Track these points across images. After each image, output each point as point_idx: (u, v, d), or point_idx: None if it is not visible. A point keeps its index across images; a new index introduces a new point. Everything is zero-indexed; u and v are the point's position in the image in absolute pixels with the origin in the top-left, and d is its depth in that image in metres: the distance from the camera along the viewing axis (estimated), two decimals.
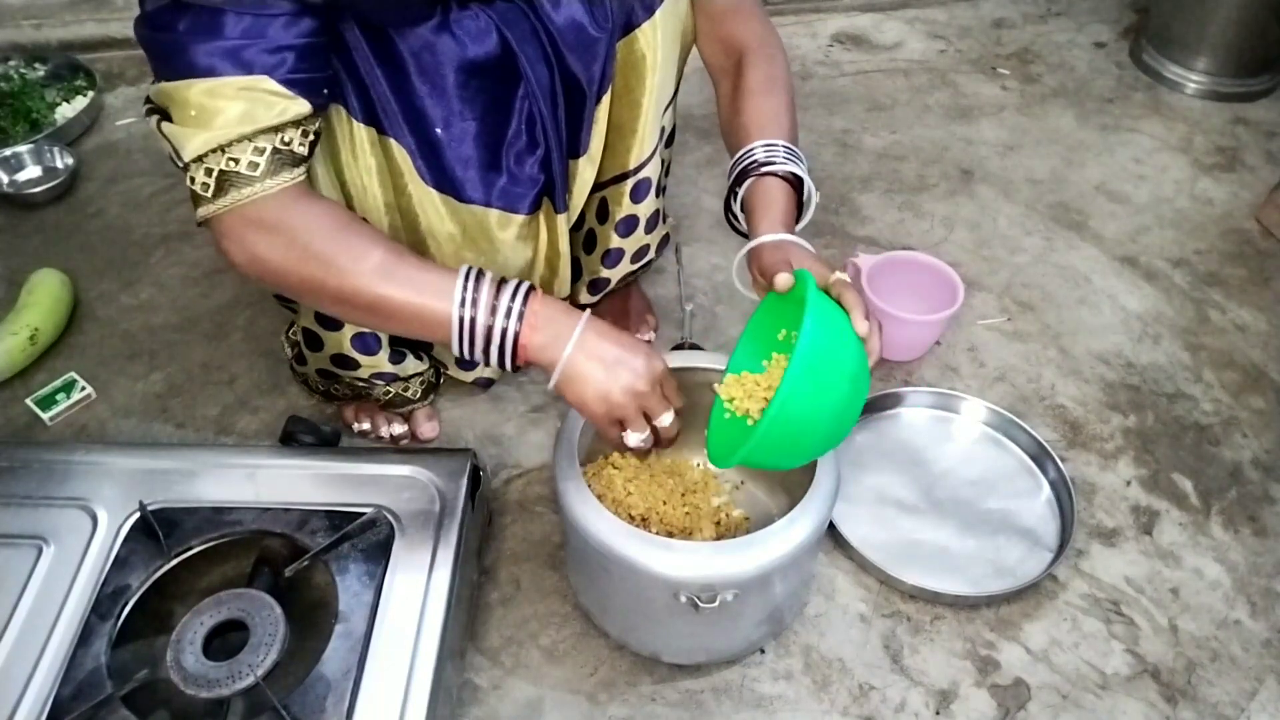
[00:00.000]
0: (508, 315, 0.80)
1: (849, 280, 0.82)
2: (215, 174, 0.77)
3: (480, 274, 0.82)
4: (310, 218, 0.80)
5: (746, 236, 0.91)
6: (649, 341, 1.28)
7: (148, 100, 0.84)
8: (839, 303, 0.80)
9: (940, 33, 2.01)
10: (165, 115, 0.80)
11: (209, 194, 0.78)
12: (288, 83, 0.77)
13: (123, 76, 1.85)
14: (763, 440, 0.75)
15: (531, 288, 0.82)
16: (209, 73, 0.75)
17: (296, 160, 0.80)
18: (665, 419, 0.84)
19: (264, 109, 0.76)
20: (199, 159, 0.77)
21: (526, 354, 0.82)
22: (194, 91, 0.75)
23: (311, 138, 0.81)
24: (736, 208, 0.94)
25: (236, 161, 0.77)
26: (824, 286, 0.80)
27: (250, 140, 0.77)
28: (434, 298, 0.80)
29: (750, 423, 0.82)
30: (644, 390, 0.82)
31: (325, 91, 0.82)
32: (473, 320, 0.80)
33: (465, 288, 0.80)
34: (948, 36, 2.00)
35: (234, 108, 0.76)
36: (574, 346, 0.80)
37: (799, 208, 0.93)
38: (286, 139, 0.79)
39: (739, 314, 1.33)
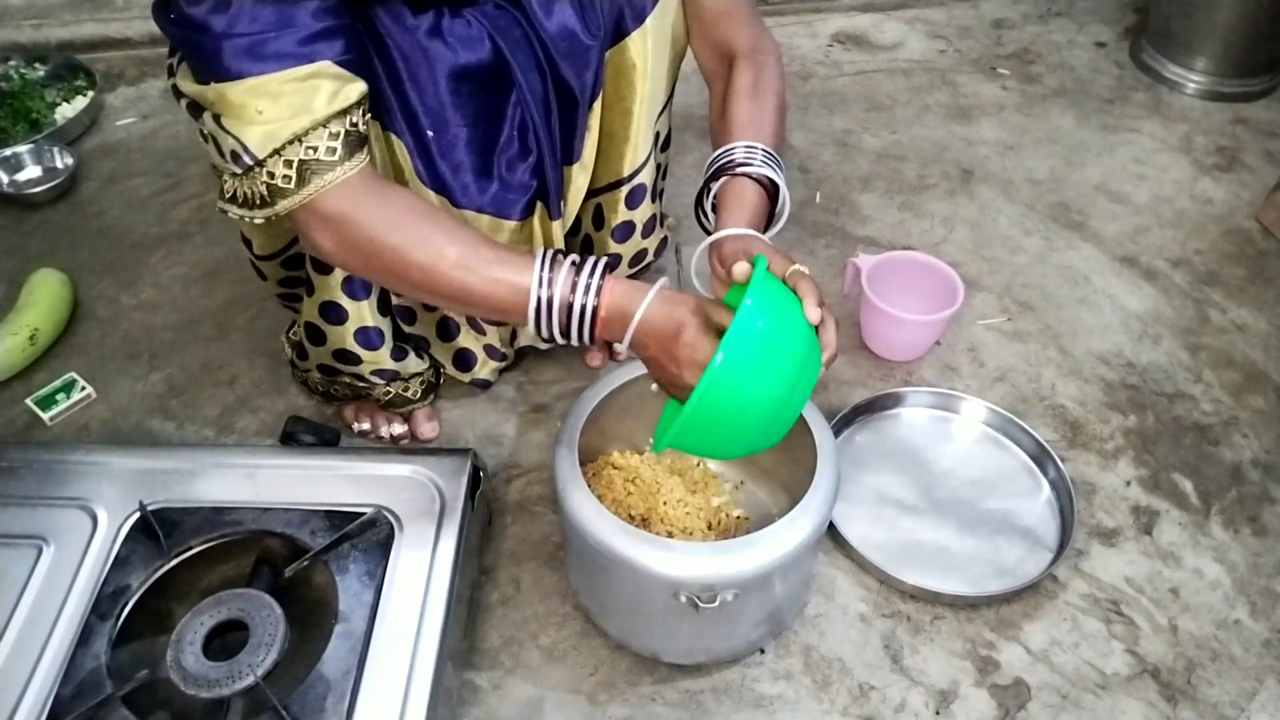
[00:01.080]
0: (586, 291, 0.79)
1: (806, 271, 0.80)
2: (296, 164, 0.77)
3: (557, 255, 0.81)
4: (388, 208, 0.81)
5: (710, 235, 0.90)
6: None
7: (178, 94, 0.83)
8: (794, 290, 0.78)
9: (940, 33, 2.01)
10: (214, 115, 0.79)
11: (292, 185, 0.78)
12: (343, 64, 0.77)
13: (123, 76, 1.85)
14: (691, 422, 0.72)
15: (609, 267, 0.81)
16: (265, 70, 0.74)
17: (363, 140, 0.81)
18: None
19: (330, 94, 0.77)
20: (276, 152, 0.76)
21: (600, 330, 0.81)
22: (253, 89, 0.75)
23: (369, 115, 0.82)
24: (708, 205, 0.94)
25: (315, 149, 0.77)
26: (781, 276, 0.79)
27: (325, 126, 0.77)
28: (511, 292, 0.80)
29: None
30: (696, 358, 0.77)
31: (366, 70, 0.82)
32: (550, 301, 0.80)
33: (543, 268, 0.80)
34: (948, 36, 2.00)
35: (300, 98, 0.76)
36: (635, 330, 0.79)
37: (771, 214, 0.92)
38: (354, 120, 0.79)
39: None
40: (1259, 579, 1.07)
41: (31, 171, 1.59)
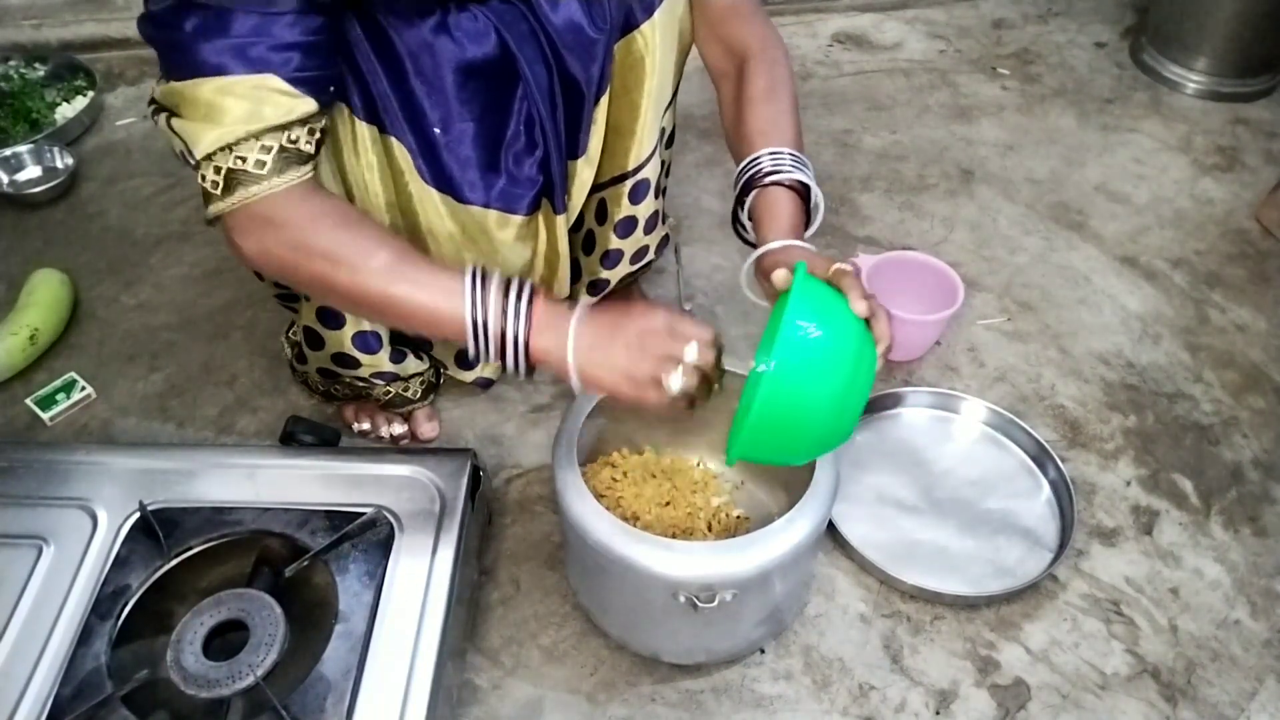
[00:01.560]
0: (516, 317, 0.79)
1: (849, 268, 0.80)
2: (224, 172, 0.77)
3: (485, 275, 0.80)
4: (317, 214, 0.80)
5: (754, 246, 0.90)
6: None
7: (153, 100, 0.84)
8: (838, 288, 0.78)
9: (940, 33, 2.01)
10: (173, 114, 0.80)
11: (218, 192, 0.78)
12: (294, 81, 0.77)
13: (123, 76, 1.85)
14: (755, 431, 0.73)
15: (535, 289, 0.81)
16: (218, 71, 0.75)
17: (303, 158, 0.80)
18: (690, 352, 0.78)
19: (270, 108, 0.77)
20: (209, 157, 0.77)
21: (535, 357, 0.80)
22: (203, 90, 0.76)
23: (319, 135, 0.81)
24: (744, 217, 0.94)
25: (244, 160, 0.77)
26: (824, 277, 0.79)
27: (257, 139, 0.77)
28: (445, 299, 0.79)
29: None
30: (656, 342, 0.78)
31: (331, 89, 0.82)
32: (485, 324, 0.79)
33: (474, 289, 0.79)
34: (948, 36, 2.00)
35: (241, 106, 0.76)
36: (573, 345, 0.79)
37: (807, 215, 0.92)
38: (293, 137, 0.79)
39: (739, 313, 1.32)
40: (1259, 579, 1.07)
41: (31, 171, 1.59)
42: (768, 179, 0.90)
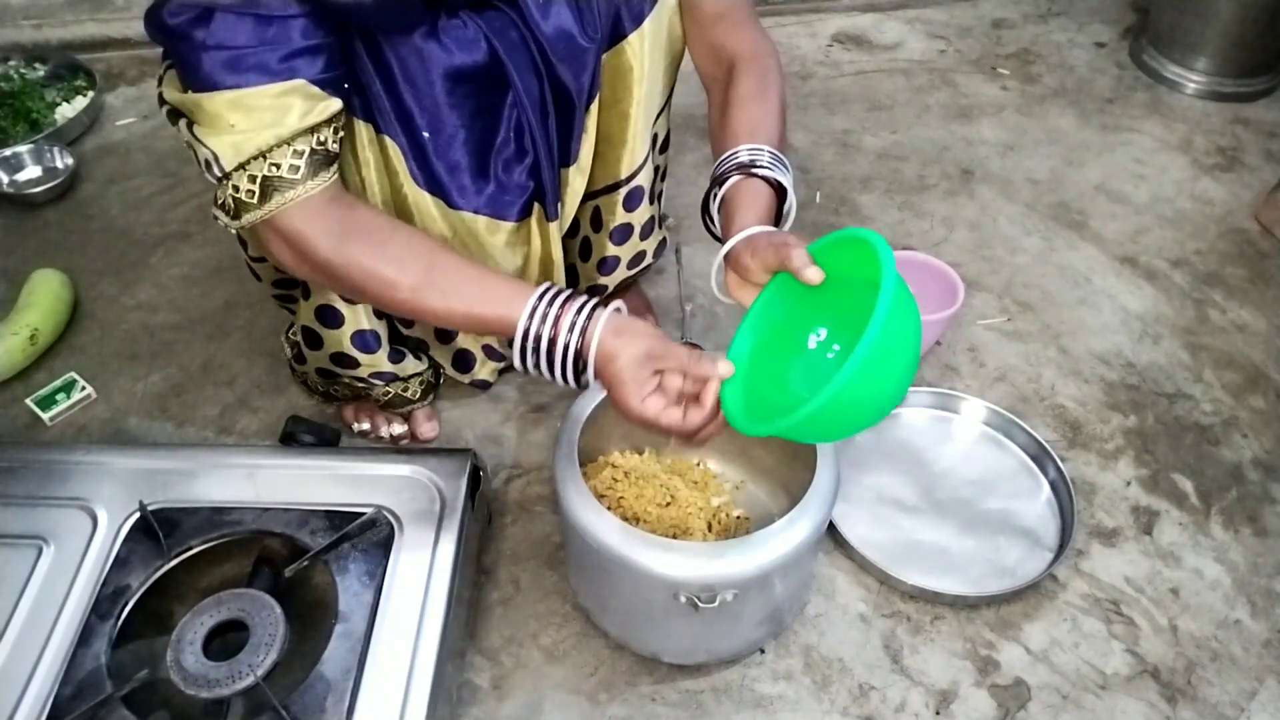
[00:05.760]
0: (570, 329, 0.79)
1: (796, 241, 0.79)
2: (259, 180, 0.77)
3: (556, 292, 0.81)
4: (342, 227, 0.81)
5: (720, 240, 0.88)
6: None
7: (162, 101, 0.84)
8: (786, 263, 0.77)
9: (940, 33, 2.01)
10: (191, 121, 0.80)
11: (254, 200, 0.78)
12: (319, 83, 0.78)
13: (123, 76, 1.85)
14: (832, 403, 0.68)
15: (599, 303, 0.80)
16: (241, 84, 0.75)
17: (330, 159, 0.81)
18: (692, 421, 0.79)
19: (300, 112, 0.77)
20: (242, 166, 0.77)
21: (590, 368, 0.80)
22: (229, 101, 0.76)
23: (341, 134, 0.82)
24: (714, 208, 0.92)
25: (278, 166, 0.77)
26: (774, 260, 0.78)
27: (289, 144, 0.77)
28: (493, 307, 0.81)
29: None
30: (674, 383, 0.79)
31: (345, 86, 0.83)
32: (538, 336, 0.79)
33: (539, 303, 0.79)
34: (948, 36, 2.00)
35: (272, 114, 0.76)
36: (594, 358, 0.79)
37: (778, 216, 0.91)
38: (322, 138, 0.80)
39: (739, 313, 1.32)
40: (1259, 579, 1.07)
41: (31, 171, 1.59)
42: (744, 171, 0.88)
